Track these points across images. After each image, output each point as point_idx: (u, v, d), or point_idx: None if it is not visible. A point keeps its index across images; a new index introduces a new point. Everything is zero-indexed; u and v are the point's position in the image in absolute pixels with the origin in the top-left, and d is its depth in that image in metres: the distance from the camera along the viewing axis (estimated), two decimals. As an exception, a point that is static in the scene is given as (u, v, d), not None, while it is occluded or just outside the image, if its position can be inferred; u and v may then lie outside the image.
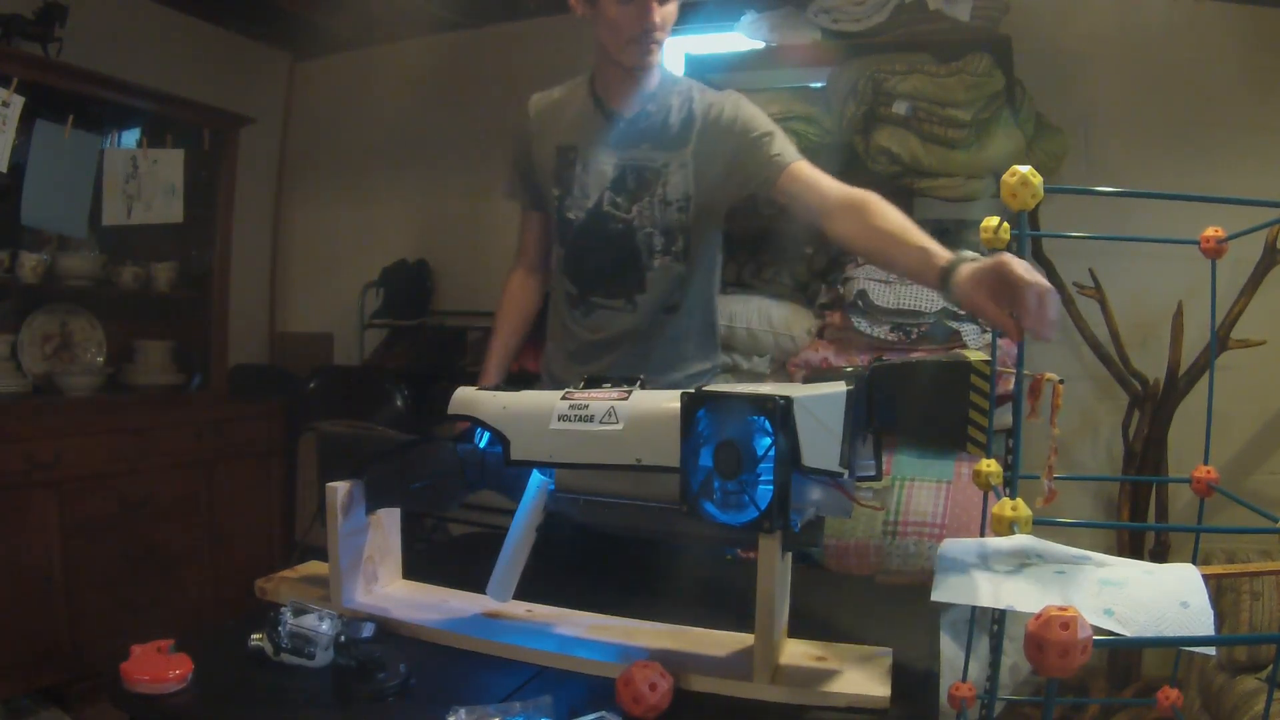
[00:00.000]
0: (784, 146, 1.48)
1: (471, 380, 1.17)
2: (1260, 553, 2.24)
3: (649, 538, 1.32)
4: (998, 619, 0.91)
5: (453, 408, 1.08)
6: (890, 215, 1.29)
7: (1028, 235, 0.95)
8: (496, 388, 1.08)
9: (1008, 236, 0.94)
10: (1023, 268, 0.90)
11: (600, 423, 0.95)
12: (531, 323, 1.75)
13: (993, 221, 0.96)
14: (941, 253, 1.11)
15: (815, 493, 0.92)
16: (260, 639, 0.96)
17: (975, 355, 0.92)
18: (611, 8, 1.42)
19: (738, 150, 1.49)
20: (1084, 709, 2.27)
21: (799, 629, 1.00)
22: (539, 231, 1.70)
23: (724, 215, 1.60)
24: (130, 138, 3.02)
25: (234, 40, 3.68)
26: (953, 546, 0.77)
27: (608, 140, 1.55)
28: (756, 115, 1.52)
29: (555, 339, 1.69)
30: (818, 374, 0.98)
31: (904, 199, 2.68)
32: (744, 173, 1.49)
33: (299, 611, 0.97)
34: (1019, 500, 0.79)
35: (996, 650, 0.92)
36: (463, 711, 0.81)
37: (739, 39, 2.77)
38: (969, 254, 1.05)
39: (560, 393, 1.01)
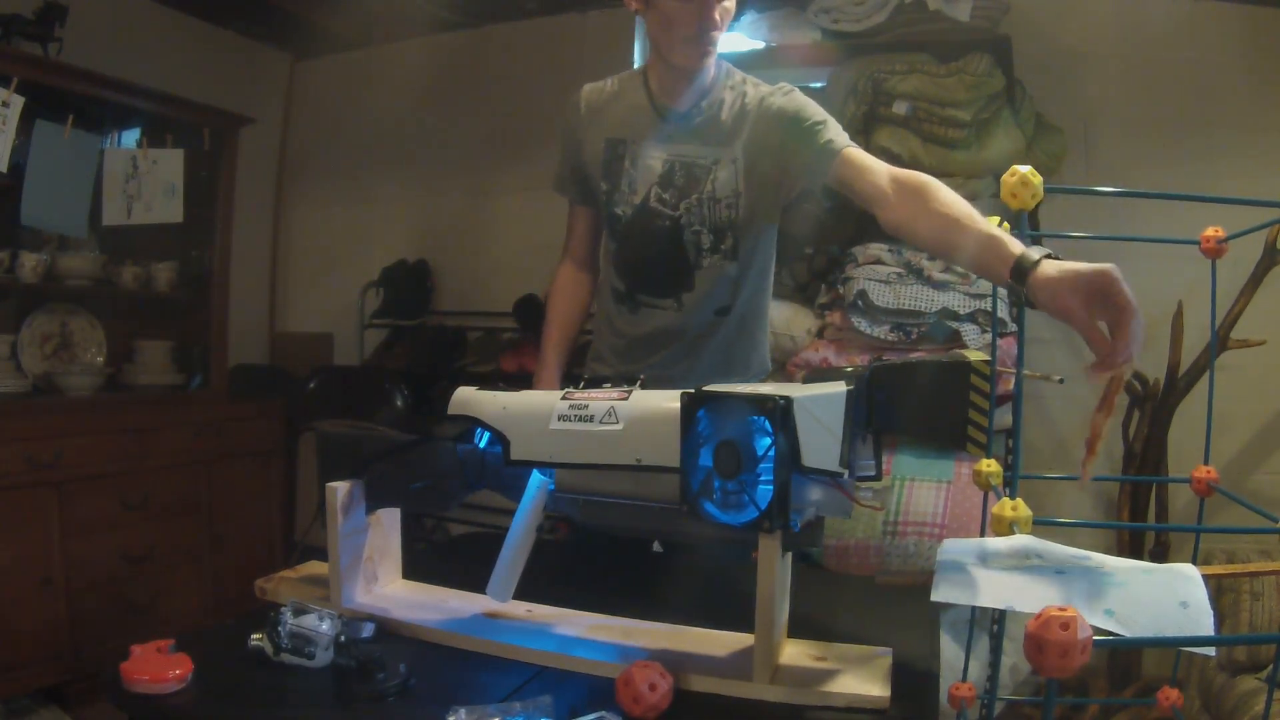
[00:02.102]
0: (836, 133, 1.43)
1: (471, 380, 1.17)
2: (1260, 553, 2.24)
3: (649, 538, 1.32)
4: (998, 619, 0.91)
5: (453, 408, 1.08)
6: (951, 198, 1.20)
7: (1028, 235, 0.95)
8: (498, 388, 1.08)
9: (1008, 236, 0.94)
10: (1129, 290, 0.86)
11: (600, 423, 0.95)
12: (584, 317, 1.72)
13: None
14: (1013, 243, 0.99)
15: (815, 493, 0.92)
16: (260, 639, 0.96)
17: (975, 355, 0.92)
18: (669, 4, 1.38)
19: (788, 141, 1.45)
20: (1084, 709, 2.27)
21: (799, 629, 1.00)
22: (587, 226, 1.67)
23: (778, 215, 1.56)
24: (130, 138, 3.01)
25: (234, 40, 3.68)
26: (953, 546, 0.77)
27: (658, 136, 1.52)
28: (807, 104, 1.47)
29: (601, 336, 1.66)
30: (818, 374, 0.98)
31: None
32: (797, 163, 1.45)
33: (299, 611, 0.97)
34: (1019, 500, 0.79)
35: (996, 650, 0.93)
36: (463, 711, 0.81)
37: (739, 39, 2.77)
38: (1046, 250, 0.97)
39: (560, 393, 1.01)
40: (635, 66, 1.65)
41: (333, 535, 1.09)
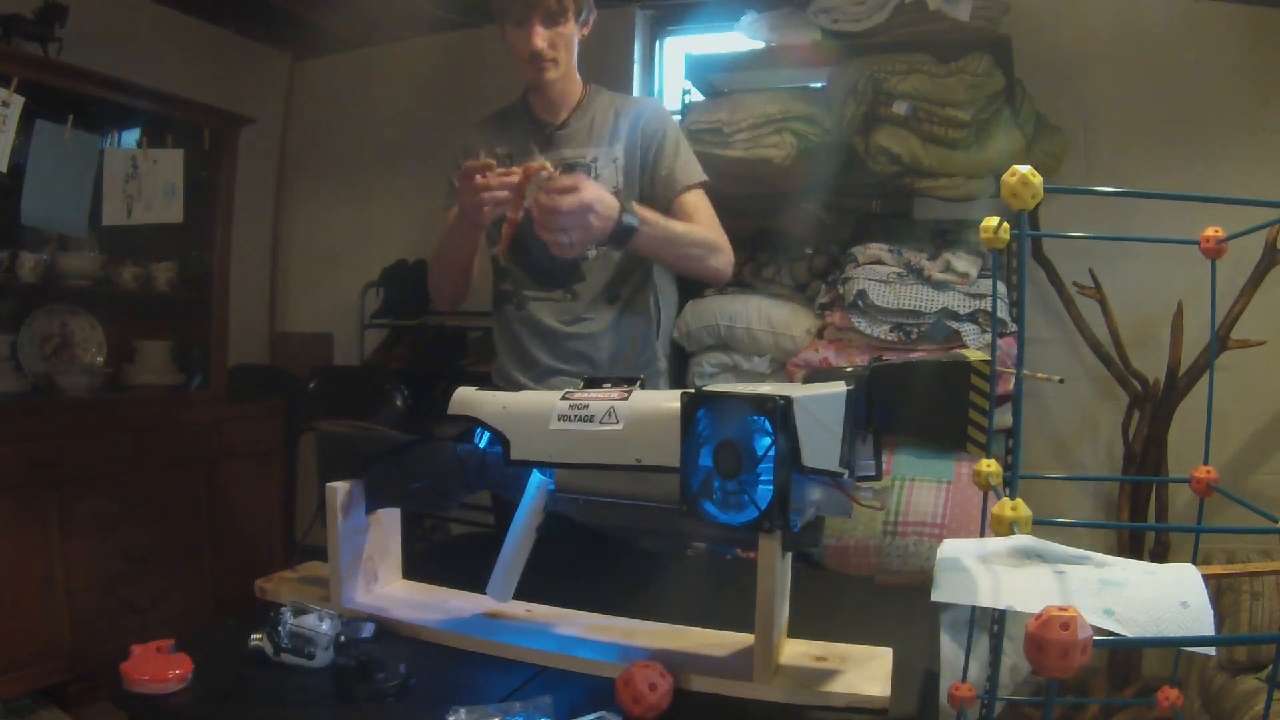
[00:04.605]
0: (685, 169, 1.64)
1: (471, 380, 1.17)
2: (1260, 553, 2.24)
3: (649, 538, 1.31)
4: (998, 619, 0.91)
5: (453, 408, 1.08)
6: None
7: (1028, 235, 0.95)
8: (496, 388, 1.08)
9: (1007, 236, 0.94)
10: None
11: (600, 423, 0.95)
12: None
13: (993, 221, 0.95)
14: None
15: (815, 493, 0.92)
16: (260, 639, 0.96)
17: (975, 355, 0.92)
18: (509, 32, 1.59)
19: (652, 156, 1.64)
20: (1084, 709, 2.27)
21: (799, 629, 1.00)
22: None
23: None
24: (130, 138, 3.02)
25: (234, 40, 3.68)
26: (953, 546, 0.77)
27: (541, 145, 1.67)
28: (673, 128, 1.68)
29: (502, 342, 1.74)
30: (818, 374, 0.98)
31: (904, 199, 2.68)
32: (652, 179, 1.64)
33: (299, 611, 0.97)
34: (1019, 500, 0.79)
35: (996, 650, 0.93)
36: (463, 711, 0.81)
37: (739, 39, 2.77)
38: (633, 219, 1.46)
39: (560, 393, 1.01)
40: (635, 65, 1.74)
41: (333, 535, 1.09)
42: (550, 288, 1.66)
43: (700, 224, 1.62)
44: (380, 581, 1.17)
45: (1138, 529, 2.74)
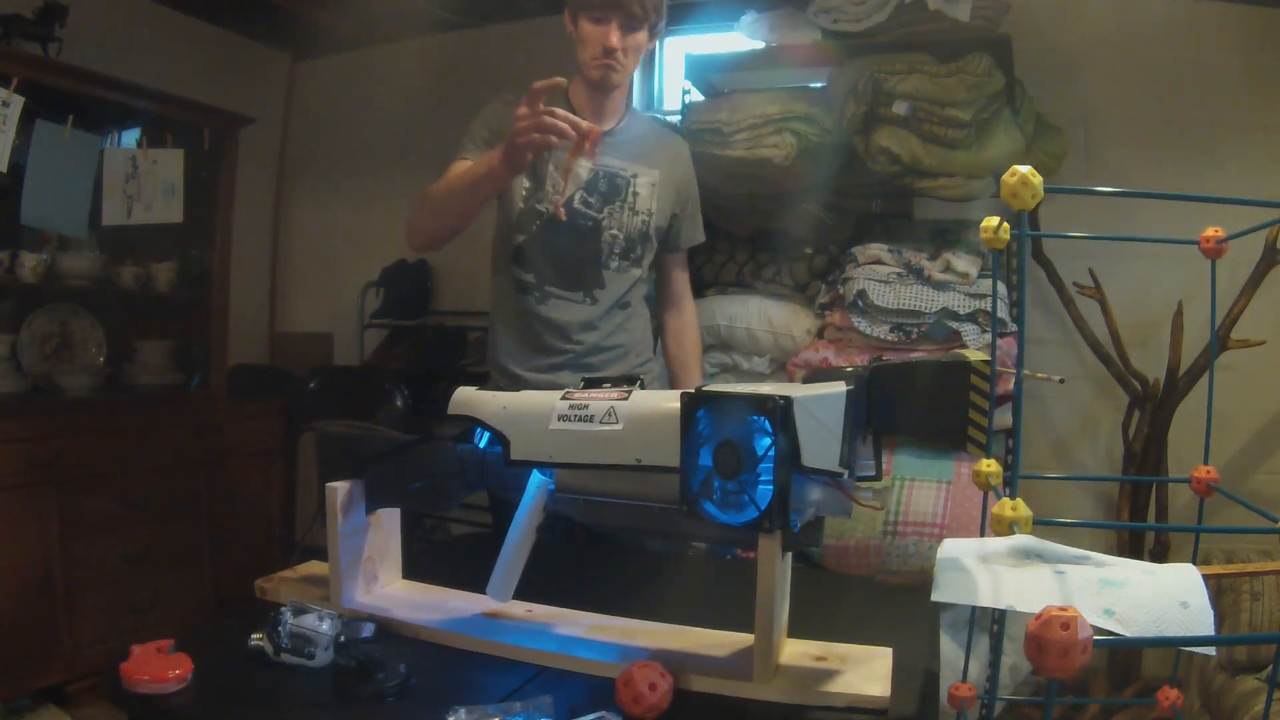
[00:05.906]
0: (692, 229, 1.84)
1: (471, 380, 1.17)
2: (1260, 553, 2.24)
3: (649, 538, 1.32)
4: (998, 619, 0.91)
5: (453, 408, 1.08)
6: (686, 344, 1.87)
7: (1028, 235, 0.95)
8: (497, 388, 1.08)
9: (1007, 236, 0.94)
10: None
11: (600, 423, 0.95)
12: None
13: (993, 221, 0.95)
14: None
15: (815, 493, 0.92)
16: (260, 639, 0.96)
17: (975, 355, 0.92)
18: (584, 26, 1.61)
19: (680, 208, 1.78)
20: (1084, 709, 2.27)
21: (799, 629, 1.00)
22: None
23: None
24: (130, 138, 3.01)
25: (234, 40, 3.68)
26: (953, 546, 0.77)
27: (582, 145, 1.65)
28: (694, 181, 1.84)
29: (506, 331, 1.76)
30: (818, 374, 0.98)
31: (904, 199, 2.68)
32: (679, 229, 1.80)
33: (299, 611, 0.97)
34: (1019, 500, 0.79)
35: (996, 650, 0.93)
36: (463, 711, 0.81)
37: (739, 39, 2.77)
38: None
39: (560, 393, 1.01)
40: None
41: (333, 535, 1.09)
42: (574, 289, 1.70)
43: (677, 284, 1.88)
44: (380, 581, 1.17)
45: (1138, 529, 2.74)
